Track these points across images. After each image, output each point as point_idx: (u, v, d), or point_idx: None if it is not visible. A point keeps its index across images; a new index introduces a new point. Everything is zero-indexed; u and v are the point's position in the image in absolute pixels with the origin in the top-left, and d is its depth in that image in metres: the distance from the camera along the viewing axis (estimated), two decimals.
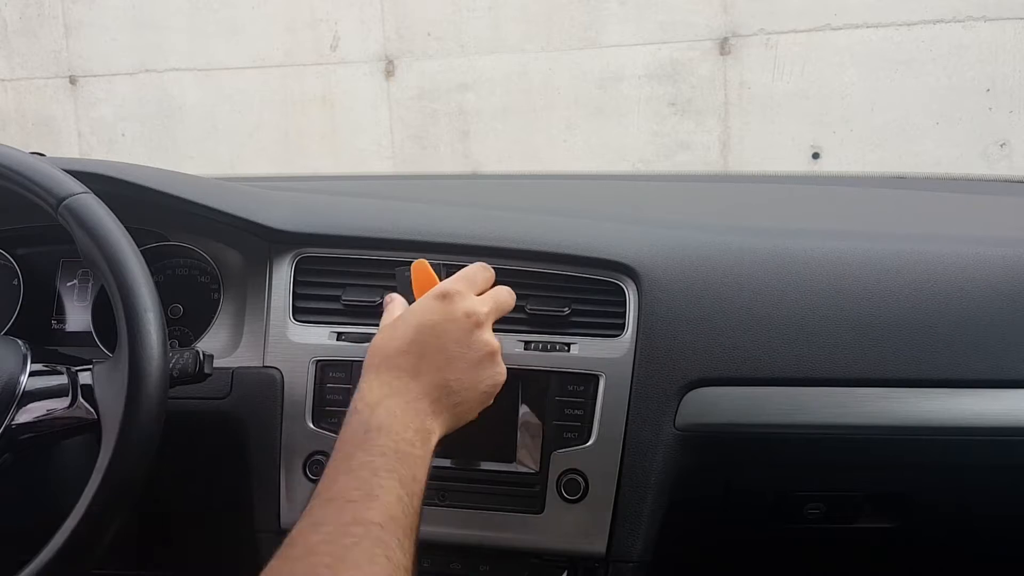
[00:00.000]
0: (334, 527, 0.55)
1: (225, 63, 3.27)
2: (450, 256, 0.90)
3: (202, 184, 0.99)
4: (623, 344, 0.86)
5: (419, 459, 0.62)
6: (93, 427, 0.73)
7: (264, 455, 0.88)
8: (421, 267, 0.78)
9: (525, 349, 0.86)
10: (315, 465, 0.86)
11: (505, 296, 0.77)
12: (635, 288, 0.88)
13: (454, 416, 0.69)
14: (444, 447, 0.86)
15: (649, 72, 2.91)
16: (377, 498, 0.57)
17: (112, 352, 0.74)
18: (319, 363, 0.88)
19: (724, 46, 2.82)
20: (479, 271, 0.77)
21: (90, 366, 0.76)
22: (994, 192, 1.44)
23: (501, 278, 0.89)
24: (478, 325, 0.70)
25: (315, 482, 0.85)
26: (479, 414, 0.72)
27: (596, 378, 0.85)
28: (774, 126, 2.81)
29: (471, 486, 0.85)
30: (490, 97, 3.06)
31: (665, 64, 2.89)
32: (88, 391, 0.74)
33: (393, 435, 0.62)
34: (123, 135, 3.43)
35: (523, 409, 0.85)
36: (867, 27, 2.69)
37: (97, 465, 0.69)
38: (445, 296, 0.71)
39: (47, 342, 0.98)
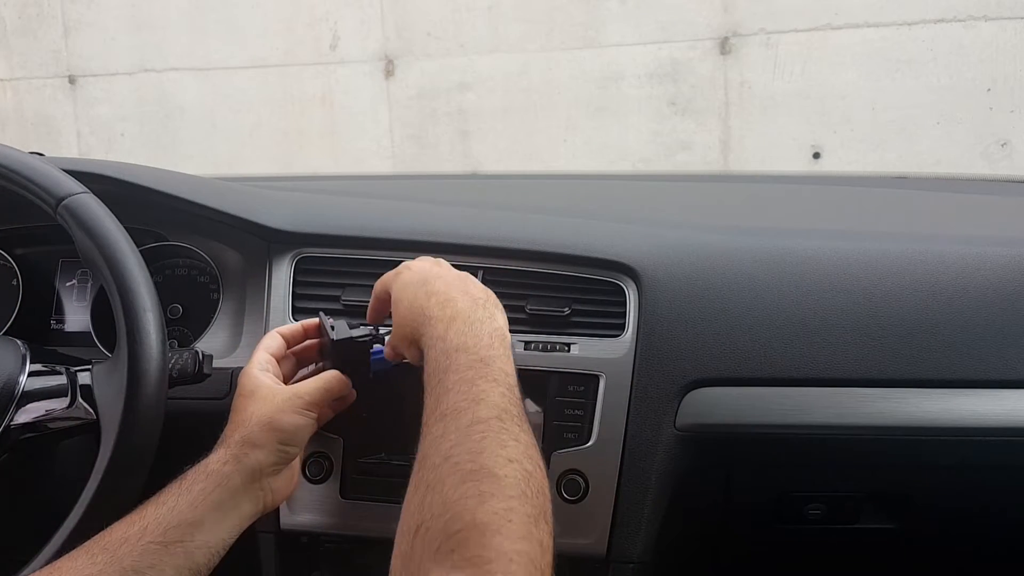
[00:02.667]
0: (457, 433, 0.57)
1: (225, 63, 3.27)
2: (450, 256, 0.90)
3: (202, 184, 0.99)
4: (623, 344, 0.86)
5: (502, 357, 0.65)
6: (92, 427, 0.73)
7: None
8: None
9: (525, 349, 0.86)
10: (314, 465, 0.86)
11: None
12: (635, 288, 0.87)
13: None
14: None
15: (649, 72, 2.90)
16: (482, 400, 0.60)
17: (111, 352, 0.74)
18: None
19: (724, 46, 2.82)
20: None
21: (89, 366, 0.76)
22: (995, 192, 1.44)
23: (501, 278, 0.89)
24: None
25: (315, 482, 0.86)
26: None
27: (596, 378, 0.84)
28: (775, 126, 2.81)
29: None
30: (490, 97, 3.05)
31: (665, 63, 2.88)
32: (87, 391, 0.74)
33: (471, 349, 0.64)
34: (122, 135, 3.42)
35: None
36: (868, 27, 2.69)
37: (96, 465, 0.69)
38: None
39: (46, 342, 0.98)
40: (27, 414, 0.72)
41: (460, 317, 0.67)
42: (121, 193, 0.88)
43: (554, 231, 0.92)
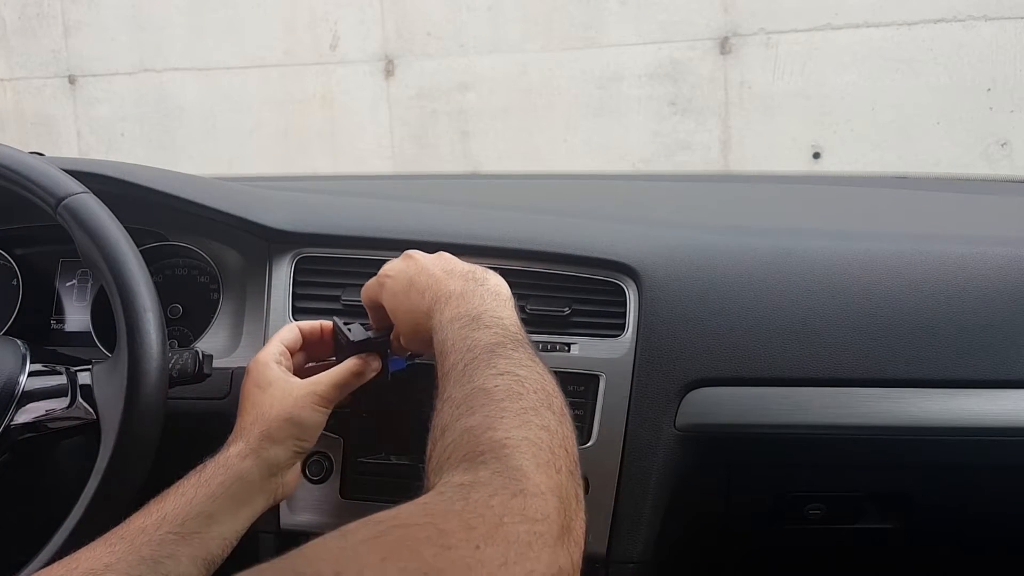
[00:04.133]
0: (454, 380, 0.59)
1: (224, 63, 3.27)
2: None
3: (202, 184, 0.98)
4: (623, 344, 0.86)
5: (494, 308, 0.67)
6: (92, 427, 0.73)
7: None
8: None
9: None
10: (314, 465, 0.86)
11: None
12: (635, 288, 0.87)
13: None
14: None
15: (649, 72, 2.90)
16: (474, 347, 0.62)
17: (111, 352, 0.74)
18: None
19: (724, 45, 2.82)
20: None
21: (89, 366, 0.76)
22: (995, 192, 1.44)
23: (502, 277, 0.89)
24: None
25: (315, 482, 0.86)
26: None
27: (596, 378, 0.84)
28: (775, 126, 2.81)
29: None
30: (490, 97, 3.05)
31: (665, 64, 2.88)
32: (87, 391, 0.74)
33: (464, 315, 0.66)
34: (122, 135, 3.42)
35: None
36: (868, 27, 2.68)
37: (96, 465, 0.69)
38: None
39: (46, 342, 0.98)
40: (27, 414, 0.72)
41: (453, 297, 0.69)
42: (121, 193, 0.87)
43: (554, 231, 0.92)
